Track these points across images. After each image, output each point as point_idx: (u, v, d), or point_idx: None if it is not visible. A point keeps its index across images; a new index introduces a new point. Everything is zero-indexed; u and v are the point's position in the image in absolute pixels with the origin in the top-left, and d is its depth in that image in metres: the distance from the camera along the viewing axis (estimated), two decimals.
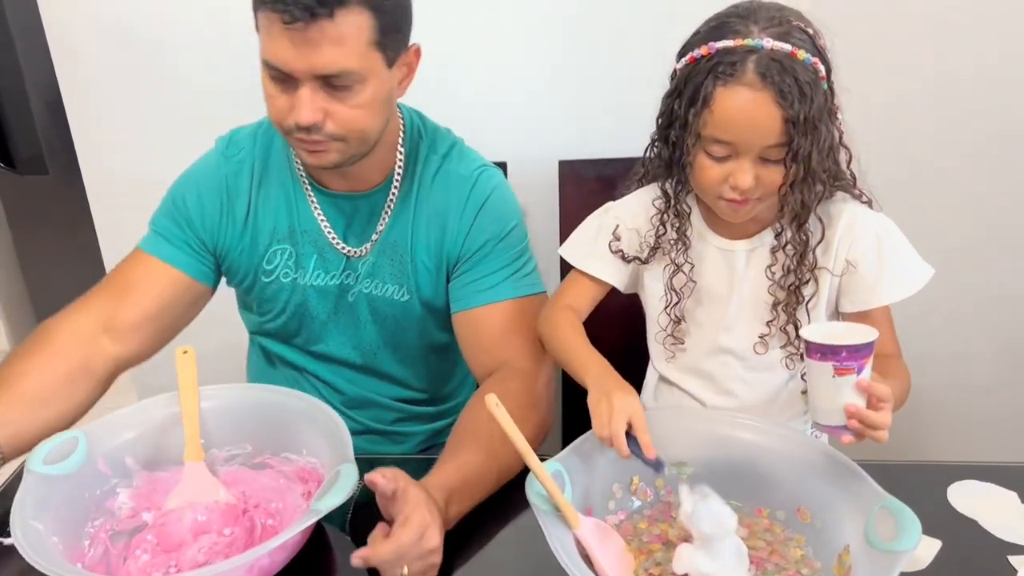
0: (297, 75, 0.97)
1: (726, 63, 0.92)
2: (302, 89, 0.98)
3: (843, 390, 0.87)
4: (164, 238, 1.17)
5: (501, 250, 1.17)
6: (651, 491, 0.99)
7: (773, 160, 0.95)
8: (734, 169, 0.96)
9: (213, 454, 1.05)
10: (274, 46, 0.97)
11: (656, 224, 1.09)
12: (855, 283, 1.06)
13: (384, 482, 0.86)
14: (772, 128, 0.92)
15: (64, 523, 0.91)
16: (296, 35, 0.94)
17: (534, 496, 0.86)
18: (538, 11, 1.55)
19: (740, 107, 0.92)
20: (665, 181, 1.07)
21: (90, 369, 1.10)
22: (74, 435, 0.97)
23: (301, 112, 0.99)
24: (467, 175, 1.17)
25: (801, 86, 0.90)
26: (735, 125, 0.93)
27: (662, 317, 1.13)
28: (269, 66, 0.99)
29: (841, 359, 0.85)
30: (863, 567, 0.81)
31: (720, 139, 0.95)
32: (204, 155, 1.22)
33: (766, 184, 0.97)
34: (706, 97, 0.93)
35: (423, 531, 0.85)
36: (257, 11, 0.98)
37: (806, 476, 0.93)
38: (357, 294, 1.21)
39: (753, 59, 0.91)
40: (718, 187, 0.98)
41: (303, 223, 1.18)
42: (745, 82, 0.91)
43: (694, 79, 0.94)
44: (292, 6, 0.92)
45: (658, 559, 0.90)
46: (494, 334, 1.16)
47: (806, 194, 0.97)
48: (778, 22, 0.93)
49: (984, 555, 0.92)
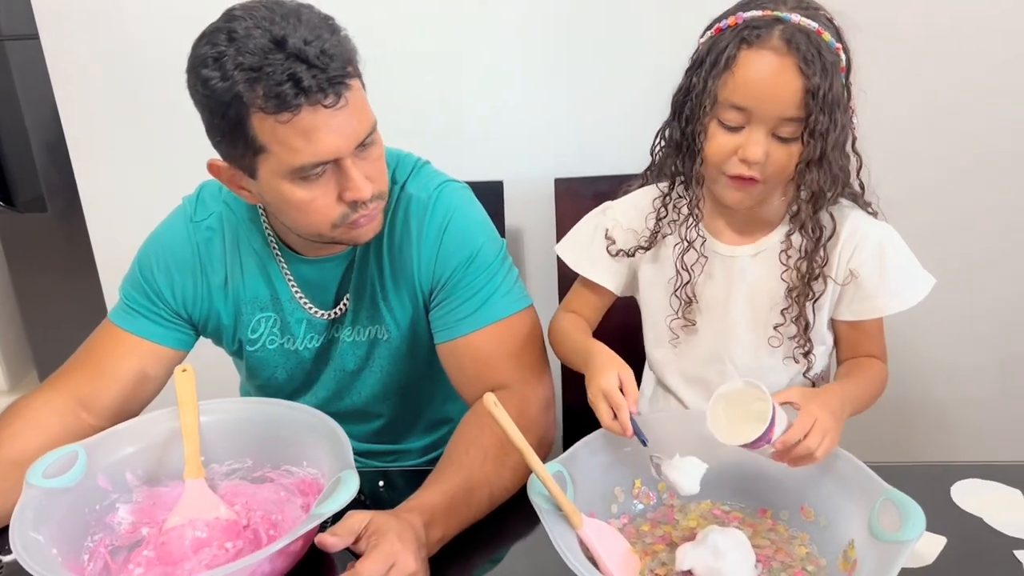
0: (344, 155, 0.94)
1: (751, 27, 0.93)
2: (348, 168, 0.95)
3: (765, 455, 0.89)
4: (135, 311, 1.13)
5: (474, 272, 1.10)
6: (654, 494, 0.98)
7: (786, 138, 0.95)
8: (745, 140, 0.96)
9: (213, 469, 1.04)
10: (321, 140, 0.91)
11: (658, 207, 1.09)
12: (855, 292, 1.06)
13: (335, 540, 0.83)
14: (792, 97, 0.92)
15: (63, 537, 0.90)
16: (339, 113, 0.91)
17: (536, 496, 0.86)
18: (535, 30, 1.57)
19: (762, 70, 0.92)
20: (674, 162, 1.06)
21: (71, 438, 1.02)
22: (74, 449, 0.97)
23: (362, 188, 0.96)
24: (424, 198, 1.11)
25: (824, 62, 0.91)
26: (755, 89, 0.93)
27: (672, 300, 1.12)
28: (309, 168, 0.93)
29: (751, 446, 0.86)
30: (869, 559, 0.80)
31: (737, 104, 0.94)
32: (170, 217, 1.17)
33: (775, 163, 0.97)
34: (728, 59, 0.93)
35: (391, 560, 0.81)
36: (283, 124, 0.89)
37: (808, 474, 0.92)
38: (342, 344, 1.18)
39: (780, 27, 0.92)
40: (727, 159, 0.98)
41: (282, 292, 1.15)
42: (770, 46, 0.92)
43: (718, 46, 0.95)
44: (327, 89, 0.89)
45: (663, 559, 0.90)
46: (480, 361, 1.10)
47: (822, 177, 0.96)
48: (807, 5, 0.95)
49: (990, 551, 0.91)
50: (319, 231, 1.01)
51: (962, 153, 1.62)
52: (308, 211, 0.98)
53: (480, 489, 0.96)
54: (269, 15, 0.89)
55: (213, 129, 0.95)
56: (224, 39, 0.89)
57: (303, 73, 0.87)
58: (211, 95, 0.90)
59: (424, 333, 1.18)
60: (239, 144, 0.93)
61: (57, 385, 1.10)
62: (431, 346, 1.17)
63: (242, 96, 0.88)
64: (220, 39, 0.89)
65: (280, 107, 0.88)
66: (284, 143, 0.91)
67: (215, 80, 0.89)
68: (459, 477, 0.96)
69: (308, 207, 0.97)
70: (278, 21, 0.88)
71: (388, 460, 1.31)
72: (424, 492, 0.94)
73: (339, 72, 0.90)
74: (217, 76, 0.88)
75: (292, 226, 1.04)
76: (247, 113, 0.90)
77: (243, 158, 0.95)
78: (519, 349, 1.11)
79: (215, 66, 0.89)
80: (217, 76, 0.88)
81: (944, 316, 1.68)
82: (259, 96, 0.88)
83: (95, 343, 1.14)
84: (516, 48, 1.59)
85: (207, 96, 0.91)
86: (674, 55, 1.05)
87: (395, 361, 1.20)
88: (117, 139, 1.72)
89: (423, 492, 0.94)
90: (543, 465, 0.86)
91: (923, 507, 0.79)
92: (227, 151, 0.97)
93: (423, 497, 0.93)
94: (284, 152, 0.92)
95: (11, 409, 1.08)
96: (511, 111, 1.63)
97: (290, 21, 0.89)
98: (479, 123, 1.63)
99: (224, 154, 0.98)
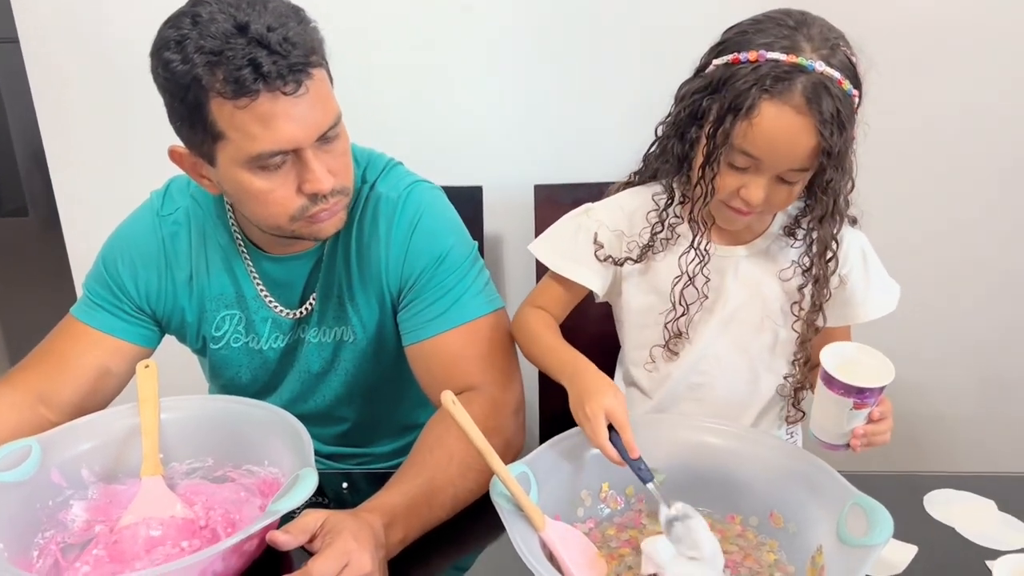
0: (303, 145, 0.93)
1: (773, 77, 0.89)
2: (309, 160, 0.94)
3: (855, 419, 0.89)
4: (98, 306, 1.12)
5: (443, 273, 1.09)
6: (621, 499, 0.96)
7: (787, 181, 0.95)
8: (748, 182, 0.95)
9: (173, 467, 1.02)
10: (279, 127, 0.90)
11: (653, 221, 1.07)
12: (843, 298, 1.07)
13: (287, 539, 0.80)
14: (804, 155, 0.92)
15: (13, 532, 0.88)
16: (299, 102, 0.90)
17: (498, 497, 0.84)
18: (515, 37, 1.57)
19: (782, 127, 0.90)
20: (673, 178, 1.05)
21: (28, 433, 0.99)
22: (27, 443, 0.94)
23: (322, 181, 0.95)
24: (394, 198, 1.09)
25: (842, 118, 0.90)
26: (771, 143, 0.92)
27: (657, 330, 1.10)
28: (267, 156, 0.92)
29: (863, 397, 0.87)
30: (836, 564, 0.79)
31: (749, 152, 0.93)
32: (137, 211, 1.16)
33: (774, 203, 0.98)
34: (751, 107, 0.90)
35: (346, 558, 0.78)
36: (240, 109, 0.89)
37: (778, 480, 0.91)
38: (307, 345, 1.16)
39: (802, 79, 0.89)
40: (729, 196, 0.98)
41: (247, 289, 1.13)
42: (792, 103, 0.89)
43: (736, 83, 0.91)
44: (287, 76, 0.88)
45: (629, 563, 0.88)
46: (448, 363, 1.08)
47: (835, 224, 0.98)
48: (831, 45, 0.91)
49: (961, 561, 0.90)
50: (278, 223, 0.99)
51: (942, 169, 1.62)
52: (266, 202, 0.96)
53: (443, 491, 0.94)
54: (236, 1, 0.88)
55: (173, 113, 0.94)
56: (188, 22, 0.88)
57: (263, 59, 0.86)
58: (171, 78, 0.89)
59: (391, 336, 1.16)
60: (198, 129, 0.92)
61: (15, 380, 1.08)
62: (398, 349, 1.15)
63: (201, 79, 0.88)
64: (184, 22, 0.88)
65: (238, 92, 0.87)
66: (242, 129, 0.90)
67: (176, 63, 0.88)
68: (421, 478, 0.94)
69: (266, 198, 0.96)
70: (243, 7, 0.88)
71: (355, 463, 1.28)
72: (385, 493, 0.92)
73: (301, 60, 0.89)
74: (178, 59, 0.88)
75: (251, 217, 1.02)
76: (206, 97, 0.89)
77: (202, 144, 0.94)
78: (489, 351, 1.09)
79: (176, 49, 0.88)
80: (178, 59, 0.88)
81: (921, 333, 1.68)
82: (218, 80, 0.87)
83: (56, 338, 1.12)
84: (497, 54, 1.59)
85: (167, 79, 0.90)
86: (655, 64, 1.06)
87: (360, 364, 1.18)
88: (96, 146, 1.70)
89: (384, 493, 0.92)
90: (504, 465, 0.84)
91: (895, 516, 0.78)
92: (187, 136, 0.96)
93: (384, 497, 0.91)
94: (242, 139, 0.91)
95: None
96: (491, 117, 1.62)
97: (256, 8, 0.88)
98: (459, 129, 1.62)
99: (185, 140, 0.97)
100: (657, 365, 1.11)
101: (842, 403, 0.88)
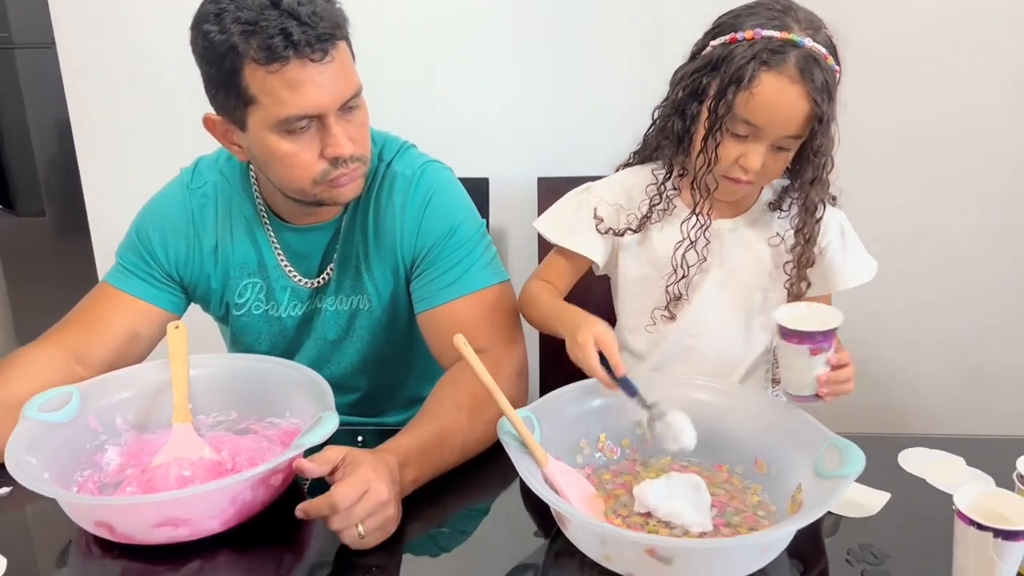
0: (327, 112, 1.01)
1: (770, 51, 1.00)
2: (331, 126, 1.03)
3: (816, 366, 0.96)
4: (131, 272, 1.20)
5: (454, 245, 1.17)
6: (618, 449, 1.03)
7: (783, 149, 1.05)
8: (748, 150, 1.04)
9: (200, 420, 1.09)
10: (306, 92, 0.99)
11: (652, 194, 1.15)
12: (823, 268, 1.15)
13: (312, 466, 0.87)
14: (798, 121, 1.02)
15: (55, 467, 0.95)
16: (325, 69, 1.00)
17: (504, 435, 0.91)
18: (519, 31, 1.67)
19: (779, 94, 1.00)
20: (673, 155, 1.13)
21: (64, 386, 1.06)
22: (69, 390, 1.02)
23: (343, 145, 1.03)
24: (409, 175, 1.18)
25: (830, 88, 1.01)
26: (769, 111, 1.01)
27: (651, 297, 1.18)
28: (294, 120, 1.01)
29: (816, 342, 0.94)
30: (813, 496, 0.86)
31: (750, 121, 1.02)
32: (168, 185, 1.25)
33: (769, 171, 1.07)
34: (751, 78, 1.00)
35: (365, 486, 0.86)
36: (272, 74, 0.98)
37: (761, 430, 0.99)
38: (324, 313, 1.25)
39: (795, 53, 1.00)
40: (727, 165, 1.06)
41: (268, 259, 1.22)
42: (787, 74, 1.00)
43: (734, 59, 1.02)
44: (315, 44, 0.98)
45: (624, 501, 0.95)
46: (456, 329, 1.10)
47: (822, 190, 1.08)
48: (815, 27, 1.02)
49: (930, 504, 0.97)
50: (301, 187, 1.08)
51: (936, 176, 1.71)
52: (291, 165, 1.05)
53: (453, 438, 1.02)
54: None
55: (209, 81, 1.04)
56: None
57: (294, 28, 0.96)
58: (209, 47, 0.99)
59: (404, 306, 1.24)
60: (232, 95, 1.02)
61: (53, 338, 1.16)
62: (410, 320, 1.23)
63: (237, 47, 0.97)
64: None
65: (270, 58, 0.97)
66: (272, 94, 0.99)
67: (214, 33, 0.98)
68: (433, 425, 1.02)
69: (292, 161, 1.05)
70: None
71: None
72: (400, 436, 1.00)
73: (328, 31, 0.99)
74: (216, 30, 0.98)
75: (276, 181, 1.11)
76: (241, 64, 0.99)
77: (235, 110, 1.03)
78: (495, 318, 1.17)
79: (215, 21, 0.98)
80: (216, 30, 0.98)
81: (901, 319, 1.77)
82: (252, 48, 0.97)
83: (90, 302, 1.21)
84: (501, 49, 1.68)
85: (205, 48, 1.00)
86: (656, 61, 1.14)
87: (375, 332, 1.26)
88: (125, 149, 1.78)
89: (399, 436, 1.00)
90: (510, 405, 0.92)
91: (870, 470, 0.84)
92: (222, 103, 1.05)
93: (399, 440, 0.99)
94: (272, 103, 1.00)
95: (8, 358, 1.13)
96: (496, 112, 1.71)
97: None
98: (464, 124, 1.71)
99: (218, 107, 1.06)
100: (657, 327, 1.19)
101: (799, 351, 0.95)
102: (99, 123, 1.78)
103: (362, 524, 0.86)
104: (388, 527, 0.89)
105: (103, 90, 1.75)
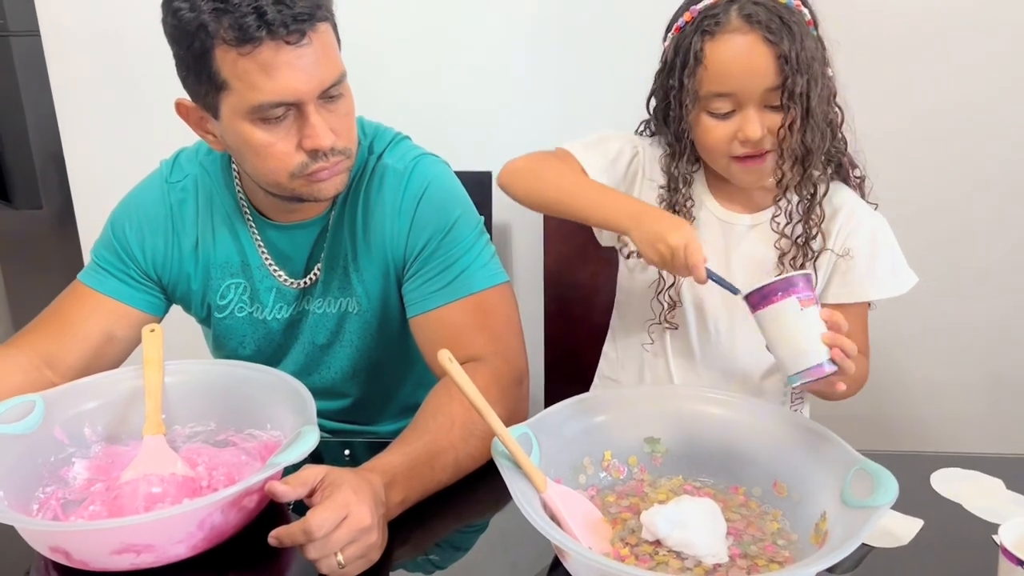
0: (305, 99, 0.94)
1: (707, 18, 0.95)
2: (310, 115, 0.95)
3: (813, 321, 0.87)
4: (105, 271, 1.12)
5: (449, 244, 1.08)
6: (624, 468, 0.95)
7: (776, 106, 0.96)
8: (740, 123, 0.97)
9: (175, 431, 1.02)
10: (280, 77, 0.91)
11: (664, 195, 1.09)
12: (844, 275, 1.07)
13: (286, 489, 0.79)
14: (767, 68, 0.94)
15: (12, 482, 0.88)
16: (302, 52, 0.92)
17: (499, 456, 0.83)
18: (522, 25, 1.59)
19: (732, 54, 0.94)
20: (672, 165, 1.07)
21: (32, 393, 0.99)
22: (31, 399, 0.95)
23: (321, 136, 0.95)
24: (402, 169, 1.10)
25: (788, 24, 0.93)
26: (731, 73, 0.95)
27: (654, 303, 1.11)
28: (268, 107, 0.93)
29: (800, 290, 0.86)
30: (839, 527, 0.77)
31: (720, 92, 0.96)
32: (146, 179, 1.17)
33: (775, 131, 0.98)
34: (696, 54, 0.95)
35: (345, 510, 0.77)
36: (244, 56, 0.90)
37: (781, 448, 0.90)
38: (311, 316, 1.17)
39: (735, 7, 0.94)
40: (727, 146, 0.99)
41: (252, 258, 1.14)
42: (731, 28, 0.94)
43: (682, 44, 0.97)
44: (291, 24, 0.89)
45: (632, 527, 0.86)
46: (451, 335, 1.06)
47: (808, 136, 0.97)
48: None
49: (967, 534, 0.88)
50: (277, 180, 1.00)
51: (963, 172, 1.63)
52: (267, 156, 0.97)
53: (445, 454, 0.93)
54: None
55: (180, 63, 0.96)
56: None
57: (268, 7, 0.88)
58: (179, 25, 0.92)
59: (395, 308, 1.16)
60: (203, 79, 0.93)
61: (21, 342, 1.08)
62: (402, 323, 1.15)
63: (207, 26, 0.89)
64: None
65: (242, 39, 0.89)
66: (244, 79, 0.91)
67: (184, 11, 0.90)
68: (423, 441, 0.94)
69: (267, 151, 0.96)
70: None
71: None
72: (386, 454, 0.92)
73: (306, 11, 0.90)
74: (186, 7, 0.90)
75: (252, 173, 1.03)
76: (211, 45, 0.91)
77: (207, 95, 0.95)
78: (493, 323, 1.08)
79: None
80: (186, 7, 0.90)
81: (931, 328, 1.68)
82: (223, 27, 0.89)
83: (62, 302, 1.13)
84: (504, 43, 1.61)
85: (175, 26, 0.92)
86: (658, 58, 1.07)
87: (365, 336, 1.18)
88: (112, 142, 1.72)
89: (385, 454, 0.92)
90: (502, 424, 0.83)
91: (901, 493, 0.76)
92: (193, 87, 0.97)
93: (385, 458, 0.90)
94: (244, 88, 0.92)
95: None
96: (499, 106, 1.64)
97: None
98: (467, 118, 1.64)
99: (191, 91, 0.98)
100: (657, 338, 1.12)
101: (786, 308, 0.86)
102: (84, 111, 1.71)
103: (342, 553, 0.77)
104: (371, 555, 0.81)
105: (88, 76, 1.68)
